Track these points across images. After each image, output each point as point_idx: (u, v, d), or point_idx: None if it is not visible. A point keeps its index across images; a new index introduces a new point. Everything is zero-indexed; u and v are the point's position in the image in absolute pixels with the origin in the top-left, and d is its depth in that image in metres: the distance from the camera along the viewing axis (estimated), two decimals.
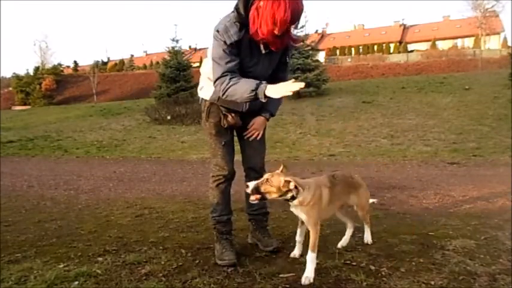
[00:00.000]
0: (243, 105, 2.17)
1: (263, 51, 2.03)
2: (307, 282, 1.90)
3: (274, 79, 2.24)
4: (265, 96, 1.87)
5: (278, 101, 2.24)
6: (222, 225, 2.33)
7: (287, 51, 2.18)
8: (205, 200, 4.15)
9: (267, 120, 2.32)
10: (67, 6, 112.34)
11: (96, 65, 41.24)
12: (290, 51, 2.22)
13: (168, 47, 16.93)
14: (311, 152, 8.83)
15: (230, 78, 1.95)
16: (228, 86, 1.95)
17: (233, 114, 2.18)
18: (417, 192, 4.27)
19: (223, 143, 2.25)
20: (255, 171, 2.38)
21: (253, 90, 1.87)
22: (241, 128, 2.30)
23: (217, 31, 1.97)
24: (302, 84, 1.83)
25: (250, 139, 2.30)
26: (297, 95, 13.17)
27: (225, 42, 1.95)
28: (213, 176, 2.35)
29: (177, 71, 16.02)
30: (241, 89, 1.91)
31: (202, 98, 2.29)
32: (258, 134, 2.30)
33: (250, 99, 1.95)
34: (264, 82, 1.91)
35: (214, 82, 2.01)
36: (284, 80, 2.24)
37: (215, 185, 2.35)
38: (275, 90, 1.84)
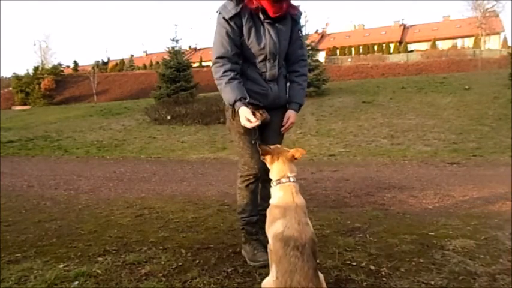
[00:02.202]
0: (267, 98, 2.16)
1: (262, 19, 2.05)
2: None
3: (295, 58, 2.26)
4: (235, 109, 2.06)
5: (303, 90, 2.30)
6: (252, 226, 2.28)
7: (295, 25, 2.20)
8: (205, 200, 4.16)
9: (297, 112, 2.30)
10: (67, 6, 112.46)
11: (96, 65, 41.26)
12: (298, 25, 2.23)
13: (168, 47, 16.93)
14: (311, 152, 8.83)
15: (226, 71, 2.05)
16: (219, 79, 2.06)
17: (261, 111, 2.13)
18: (417, 192, 4.27)
19: (252, 141, 2.19)
20: (266, 172, 2.32)
21: (233, 102, 2.04)
22: (265, 125, 2.23)
23: (217, 12, 2.07)
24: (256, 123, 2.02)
25: (286, 133, 2.31)
26: None
27: (224, 18, 2.02)
28: (241, 176, 2.26)
29: (177, 71, 16.01)
30: (228, 93, 2.04)
31: None
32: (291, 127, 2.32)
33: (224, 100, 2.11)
34: (243, 101, 2.04)
35: (213, 60, 2.09)
36: (303, 56, 2.30)
37: (245, 185, 2.26)
38: (242, 113, 2.03)
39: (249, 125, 2.01)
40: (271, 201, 1.77)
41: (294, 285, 1.40)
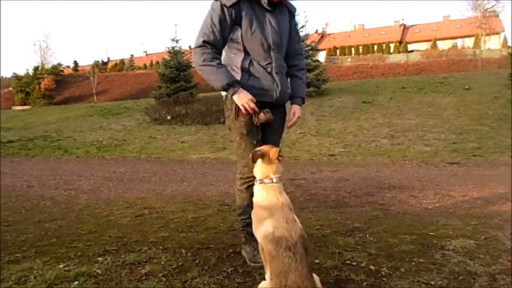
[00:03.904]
0: (274, 93, 2.11)
1: (265, 4, 2.02)
2: None
3: (294, 52, 2.26)
4: (231, 94, 2.00)
5: (304, 84, 2.30)
6: None
7: (292, 19, 2.22)
8: (205, 200, 4.16)
9: (301, 106, 2.29)
10: (67, 6, 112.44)
11: (96, 65, 41.25)
12: (294, 19, 2.26)
13: (168, 47, 16.94)
14: (311, 152, 8.83)
15: (215, 58, 1.99)
16: (208, 64, 1.98)
17: (265, 111, 2.07)
18: (417, 192, 4.27)
19: (254, 142, 2.11)
20: None
21: (228, 84, 1.97)
22: (268, 125, 2.17)
23: None
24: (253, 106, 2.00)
25: (286, 132, 2.29)
26: None
27: (223, 5, 1.95)
28: (241, 178, 2.22)
29: (177, 71, 16.01)
30: (223, 74, 1.97)
31: (226, 95, 2.15)
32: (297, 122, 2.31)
33: (218, 89, 2.03)
34: (238, 85, 1.99)
35: (194, 48, 2.01)
36: (301, 50, 2.31)
37: (245, 187, 2.21)
38: (243, 94, 1.99)
39: (252, 105, 1.98)
40: (254, 200, 1.76)
41: (289, 284, 1.41)
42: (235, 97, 2.00)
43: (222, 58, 2.11)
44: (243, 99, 1.99)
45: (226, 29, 2.00)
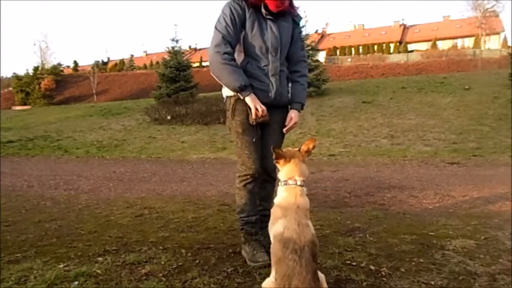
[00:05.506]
0: (269, 94, 2.17)
1: (264, 13, 2.12)
2: None
3: (296, 58, 2.32)
4: (243, 96, 2.09)
5: (305, 90, 2.35)
6: (251, 226, 2.28)
7: (296, 27, 2.28)
8: (205, 200, 4.16)
9: (300, 111, 2.32)
10: (67, 6, 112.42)
11: (96, 65, 41.24)
12: (299, 27, 2.32)
13: (168, 47, 16.94)
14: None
15: (233, 58, 2.09)
16: (229, 63, 2.06)
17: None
18: (417, 192, 4.27)
19: (250, 141, 2.19)
20: (266, 172, 2.32)
21: (245, 85, 2.06)
22: (265, 124, 2.24)
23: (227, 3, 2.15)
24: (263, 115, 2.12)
25: (289, 132, 2.33)
26: None
27: (230, 8, 2.09)
28: (239, 176, 2.27)
29: (177, 71, 16.01)
30: (232, 76, 2.05)
31: (226, 96, 2.26)
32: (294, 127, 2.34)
33: (230, 88, 2.11)
34: (250, 89, 2.09)
35: (213, 47, 2.09)
36: (304, 57, 2.39)
37: (242, 185, 2.26)
38: (251, 99, 2.09)
39: (260, 111, 2.08)
40: (275, 201, 1.77)
41: None
42: (248, 99, 2.08)
43: None
44: (255, 101, 2.09)
45: (237, 31, 2.10)
